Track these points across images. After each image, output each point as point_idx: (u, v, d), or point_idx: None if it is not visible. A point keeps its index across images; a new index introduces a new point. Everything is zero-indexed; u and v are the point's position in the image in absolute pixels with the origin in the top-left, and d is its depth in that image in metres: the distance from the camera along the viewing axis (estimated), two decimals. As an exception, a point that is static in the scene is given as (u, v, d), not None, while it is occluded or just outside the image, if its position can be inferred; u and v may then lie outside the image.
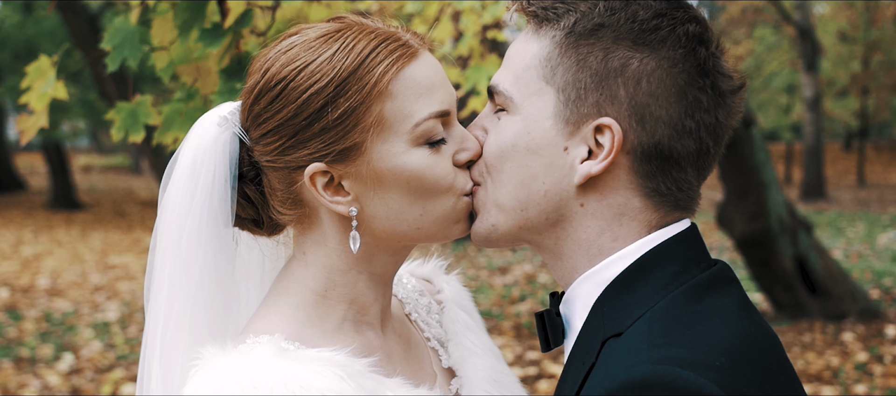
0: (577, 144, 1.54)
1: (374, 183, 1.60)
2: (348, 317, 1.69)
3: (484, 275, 14.44)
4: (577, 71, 1.52)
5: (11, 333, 10.66)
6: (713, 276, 1.52)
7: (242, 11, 2.48)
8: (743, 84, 1.59)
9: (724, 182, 10.19)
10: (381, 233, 1.65)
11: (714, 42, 1.56)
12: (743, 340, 1.42)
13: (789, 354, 8.82)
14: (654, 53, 1.50)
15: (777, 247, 9.86)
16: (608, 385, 1.34)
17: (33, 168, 42.28)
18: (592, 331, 1.51)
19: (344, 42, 1.59)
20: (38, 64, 2.89)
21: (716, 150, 1.58)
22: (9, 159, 34.10)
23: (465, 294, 2.05)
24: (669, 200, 1.56)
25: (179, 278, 1.67)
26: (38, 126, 2.86)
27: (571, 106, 1.53)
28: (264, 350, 1.52)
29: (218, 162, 1.65)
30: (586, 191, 1.55)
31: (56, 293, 13.26)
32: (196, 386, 1.49)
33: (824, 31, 30.77)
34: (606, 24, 1.51)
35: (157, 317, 1.69)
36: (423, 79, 1.60)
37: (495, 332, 10.20)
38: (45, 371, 8.99)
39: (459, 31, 4.95)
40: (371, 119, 1.56)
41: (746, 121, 9.65)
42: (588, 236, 1.56)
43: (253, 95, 1.64)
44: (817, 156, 27.77)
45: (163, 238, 1.69)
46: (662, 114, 1.50)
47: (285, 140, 1.61)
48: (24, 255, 17.45)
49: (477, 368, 1.86)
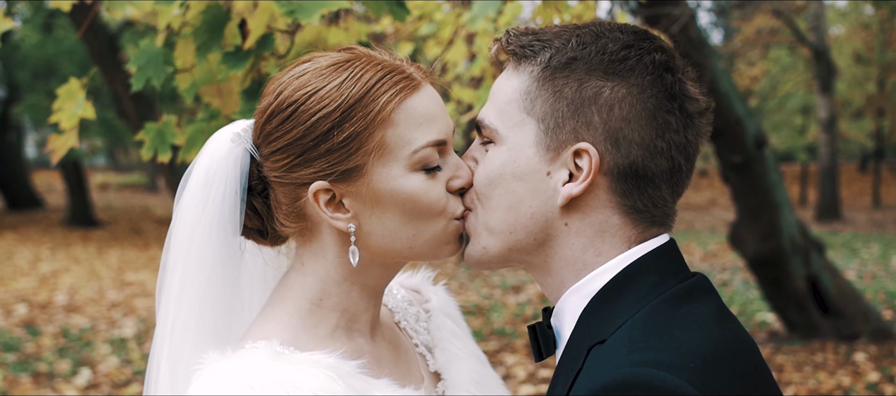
0: (559, 168, 1.65)
1: (373, 203, 1.72)
2: (340, 324, 1.80)
3: (497, 294, 14.51)
4: (555, 102, 1.64)
5: (30, 348, 10.78)
6: (690, 286, 1.64)
7: (263, 35, 2.58)
8: (709, 106, 1.72)
9: (737, 202, 10.24)
10: (376, 249, 1.77)
11: (680, 69, 1.68)
12: (718, 344, 1.53)
13: (800, 373, 8.85)
14: (623, 81, 1.62)
15: (789, 267, 9.89)
16: (591, 386, 1.45)
17: (51, 186, 42.54)
18: (579, 340, 1.62)
19: (352, 71, 1.71)
20: (69, 86, 3.01)
21: (687, 167, 1.70)
22: (27, 177, 34.36)
23: (451, 303, 2.19)
24: (646, 216, 1.68)
25: (189, 279, 1.80)
26: (68, 146, 2.98)
27: (551, 134, 1.65)
28: (261, 354, 1.64)
29: (230, 175, 1.78)
30: (569, 211, 1.66)
31: (73, 310, 13.38)
32: (198, 388, 1.61)
33: (839, 53, 30.76)
34: (579, 57, 1.64)
35: (167, 314, 1.82)
36: (423, 110, 1.72)
37: (508, 350, 10.26)
38: (62, 385, 9.10)
39: (473, 53, 5.05)
40: (373, 144, 1.68)
41: (759, 142, 9.70)
42: (573, 252, 1.68)
43: (266, 115, 1.77)
44: (832, 177, 27.73)
45: (176, 242, 1.82)
46: (635, 136, 1.62)
47: (293, 158, 1.73)
48: (42, 271, 17.60)
49: (461, 371, 1.98)
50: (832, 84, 26.63)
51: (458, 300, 8.54)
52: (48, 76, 25.35)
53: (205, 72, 2.76)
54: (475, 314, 12.78)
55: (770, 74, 32.85)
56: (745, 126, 9.66)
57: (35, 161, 54.66)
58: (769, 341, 10.26)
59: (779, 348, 9.88)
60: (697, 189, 39.34)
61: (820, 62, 25.92)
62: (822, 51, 25.85)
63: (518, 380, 8.93)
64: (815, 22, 26.03)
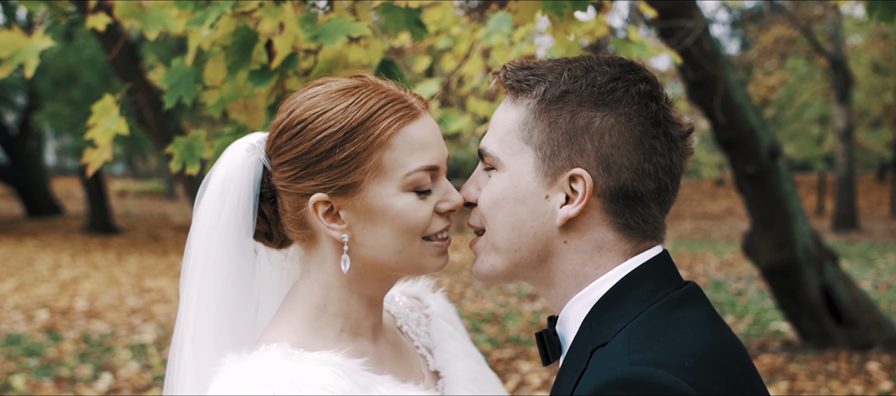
0: (556, 192, 1.81)
1: (366, 217, 1.89)
2: (345, 329, 1.97)
3: (513, 302, 14.60)
4: (550, 132, 1.80)
5: (51, 353, 10.94)
6: (684, 293, 1.80)
7: (288, 55, 2.72)
8: (691, 129, 1.87)
9: (751, 212, 10.29)
10: (368, 260, 1.92)
11: (663, 97, 1.83)
12: (710, 346, 1.68)
13: (813, 382, 8.91)
14: (612, 111, 1.78)
15: (803, 277, 9.94)
16: (595, 383, 1.60)
17: (70, 193, 42.83)
18: (583, 343, 1.78)
19: (358, 97, 1.89)
20: (103, 102, 3.15)
21: (673, 186, 1.86)
22: (46, 184, 34.62)
23: (450, 309, 2.35)
24: (638, 232, 1.83)
25: (208, 276, 1.99)
26: (102, 159, 3.13)
27: (548, 161, 1.81)
28: (273, 355, 1.81)
29: (244, 182, 1.97)
30: (568, 230, 1.82)
31: (94, 315, 13.55)
32: (218, 388, 1.79)
33: (857, 63, 30.69)
34: (571, 90, 1.79)
35: (188, 306, 2.01)
36: (420, 137, 1.89)
37: (523, 357, 10.35)
38: (84, 390, 9.24)
39: (488, 67, 5.16)
40: (370, 164, 1.85)
41: (772, 152, 9.77)
42: (574, 267, 1.84)
43: (278, 129, 1.95)
44: (849, 187, 27.68)
45: (195, 242, 2.01)
46: (624, 161, 1.78)
47: (298, 170, 1.90)
48: (62, 278, 17.79)
49: (459, 369, 2.15)
50: (850, 94, 26.60)
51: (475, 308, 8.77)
52: (69, 85, 25.59)
53: (232, 89, 2.91)
54: (491, 321, 12.87)
55: (787, 83, 32.80)
56: (759, 137, 9.73)
57: (55, 168, 55.05)
58: (783, 350, 10.31)
59: (792, 357, 9.94)
60: (714, 198, 39.30)
61: (837, 72, 25.90)
62: (840, 60, 25.83)
63: (533, 387, 9.02)
64: (833, 32, 26.02)
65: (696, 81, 9.39)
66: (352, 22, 2.71)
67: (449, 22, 4.86)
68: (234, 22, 2.82)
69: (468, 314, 13.43)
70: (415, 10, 2.94)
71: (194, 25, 2.63)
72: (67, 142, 39.64)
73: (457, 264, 19.89)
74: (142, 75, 11.82)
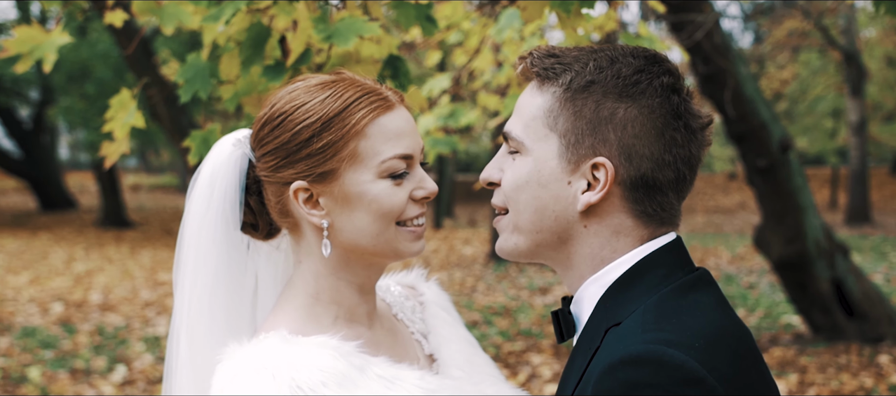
0: (578, 178, 1.87)
1: (343, 202, 1.98)
2: (340, 316, 2.06)
3: (524, 295, 14.64)
4: (575, 120, 1.85)
5: (66, 345, 11.04)
6: (695, 279, 1.86)
7: (302, 51, 2.78)
8: (710, 121, 1.92)
9: (762, 206, 10.31)
10: (347, 245, 2.02)
11: (684, 89, 1.89)
12: (718, 329, 1.75)
13: (823, 375, 8.94)
14: (635, 103, 1.83)
15: (814, 270, 9.96)
16: (610, 360, 1.66)
17: (84, 187, 43.02)
18: (597, 323, 1.84)
19: (335, 90, 1.99)
20: (120, 97, 3.21)
21: (690, 176, 1.91)
22: (60, 178, 34.78)
23: (443, 296, 2.44)
24: (656, 219, 1.89)
25: (200, 267, 2.09)
26: (120, 152, 3.20)
27: (572, 149, 1.86)
28: (272, 342, 1.91)
29: (230, 174, 2.07)
30: (588, 216, 1.88)
31: (108, 308, 13.65)
32: (221, 375, 1.89)
33: (870, 56, 30.59)
34: (596, 80, 1.84)
35: (182, 298, 2.11)
36: (394, 127, 1.99)
37: (534, 350, 10.40)
38: (99, 381, 9.33)
39: (499, 61, 5.21)
40: (347, 152, 1.96)
41: (783, 146, 9.79)
42: (592, 250, 1.90)
43: (261, 122, 2.06)
44: (863, 181, 27.61)
45: (187, 234, 2.12)
46: (645, 152, 1.83)
47: (279, 160, 2.01)
48: (77, 271, 17.91)
49: (452, 351, 2.24)
50: (863, 87, 26.53)
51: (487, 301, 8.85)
52: (82, 79, 25.70)
53: (246, 83, 2.97)
54: (502, 315, 12.93)
55: (800, 77, 32.71)
56: (770, 130, 9.74)
57: (69, 163, 55.28)
58: (794, 343, 10.33)
59: (803, 350, 9.96)
60: (727, 192, 39.24)
61: (850, 65, 25.83)
62: (853, 54, 25.75)
63: (544, 380, 9.07)
64: (846, 25, 25.94)
65: (707, 75, 9.41)
66: (364, 22, 2.76)
67: (460, 17, 4.90)
68: (248, 18, 2.88)
69: (480, 307, 13.49)
70: (425, 5, 2.99)
71: (209, 22, 2.69)
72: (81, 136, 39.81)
73: (468, 257, 19.95)
74: (155, 70, 11.88)
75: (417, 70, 17.13)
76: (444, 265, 18.73)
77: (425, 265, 17.77)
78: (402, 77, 3.08)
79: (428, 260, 19.41)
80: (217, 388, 1.88)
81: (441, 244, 22.73)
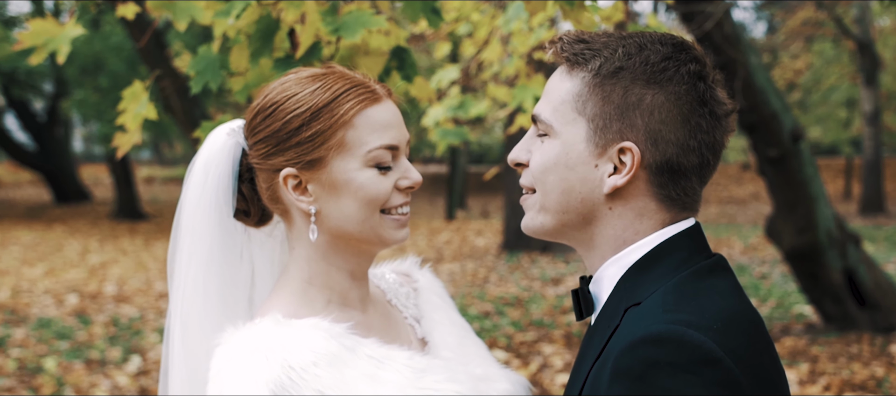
0: (605, 162, 1.91)
1: (331, 189, 2.06)
2: (333, 300, 2.13)
3: (537, 286, 14.68)
4: (603, 105, 1.90)
5: (82, 336, 11.13)
6: (713, 264, 1.92)
7: (311, 44, 2.83)
8: (734, 108, 1.97)
9: (773, 196, 10.31)
10: (334, 231, 2.09)
11: (711, 76, 1.92)
12: (734, 312, 1.81)
13: (834, 364, 8.95)
14: (662, 90, 1.87)
15: (825, 260, 9.96)
16: (631, 338, 1.72)
17: (98, 179, 43.23)
18: (616, 302, 1.90)
19: (325, 82, 2.08)
20: (133, 88, 3.27)
21: (714, 161, 1.96)
22: (75, 171, 34.96)
23: (437, 283, 2.52)
24: (678, 203, 1.94)
25: (195, 248, 2.18)
26: (132, 142, 3.26)
27: (600, 133, 1.90)
28: (266, 324, 1.99)
29: (224, 162, 2.16)
30: (613, 198, 1.93)
31: (122, 300, 13.75)
32: (218, 358, 1.97)
33: (885, 45, 30.46)
34: (625, 67, 1.89)
35: (178, 279, 2.20)
36: (380, 119, 2.07)
37: (546, 340, 10.44)
38: (114, 372, 9.42)
39: (508, 52, 5.23)
40: (334, 141, 2.04)
41: (795, 136, 9.78)
42: (615, 232, 1.95)
43: (254, 112, 2.14)
44: (877, 170, 27.54)
45: (182, 218, 2.20)
46: (671, 137, 1.88)
47: (270, 147, 2.09)
48: (91, 263, 18.04)
49: (443, 334, 2.32)
50: (877, 77, 26.45)
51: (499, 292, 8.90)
52: (96, 72, 25.81)
53: (256, 75, 3.02)
54: (514, 305, 12.97)
55: (814, 66, 32.60)
56: (781, 120, 9.74)
57: (83, 155, 55.53)
58: (805, 332, 10.34)
59: (815, 339, 9.97)
60: (740, 182, 39.16)
61: (864, 55, 25.77)
62: (867, 43, 25.67)
63: (555, 369, 9.11)
64: (860, 14, 25.85)
65: (717, 64, 9.37)
66: (371, 15, 2.81)
67: (468, 9, 4.93)
68: (257, 11, 2.92)
69: (492, 298, 13.53)
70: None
71: (221, 17, 2.74)
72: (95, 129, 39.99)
73: (481, 248, 19.99)
74: (168, 62, 11.96)
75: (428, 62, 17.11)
76: (457, 255, 18.78)
77: (438, 256, 17.80)
78: (409, 68, 3.12)
79: (440, 251, 19.47)
80: (215, 370, 1.96)
81: (454, 236, 22.78)
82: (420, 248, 19.92)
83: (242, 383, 1.89)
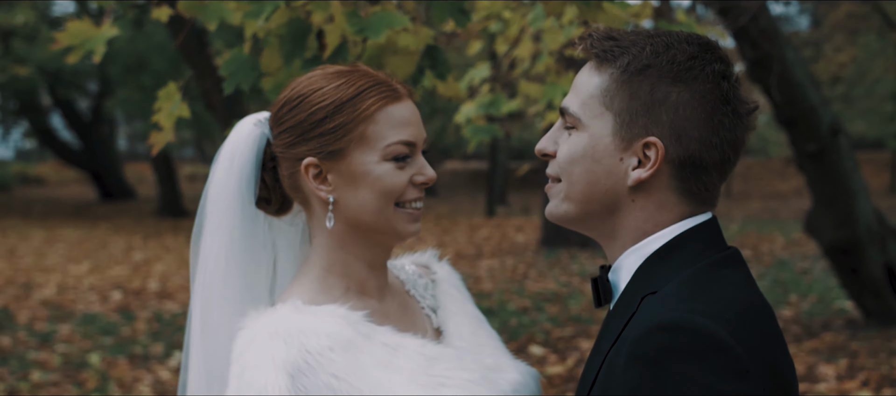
0: (630, 156, 1.97)
1: (349, 179, 2.15)
2: (351, 288, 2.22)
3: (575, 282, 14.70)
4: (630, 101, 1.96)
5: (125, 332, 11.32)
6: (727, 256, 1.98)
7: (338, 45, 2.90)
8: (756, 107, 2.03)
9: (813, 191, 10.25)
10: (351, 220, 2.18)
11: (733, 76, 1.99)
12: (747, 304, 1.87)
13: (874, 359, 8.90)
14: (688, 88, 1.94)
15: (865, 255, 9.89)
16: (646, 325, 1.78)
17: (142, 177, 43.68)
18: (634, 290, 1.96)
19: (350, 78, 2.17)
20: (167, 88, 3.37)
21: (734, 158, 2.02)
22: (119, 169, 35.40)
23: (455, 275, 2.58)
24: (698, 197, 2.00)
25: (216, 232, 2.27)
26: (166, 140, 3.37)
27: (626, 127, 1.96)
28: (286, 310, 2.08)
29: (249, 151, 2.24)
30: (636, 191, 1.99)
31: (165, 296, 13.95)
32: (241, 339, 2.07)
33: (929, 37, 30.05)
34: (652, 64, 1.95)
35: (198, 269, 2.29)
36: (400, 116, 2.16)
37: (584, 335, 10.47)
38: (157, 367, 9.57)
39: (539, 50, 5.27)
40: (356, 133, 2.13)
41: (833, 130, 9.72)
42: (636, 223, 2.01)
43: (281, 103, 2.22)
44: (921, 164, 27.21)
45: (207, 203, 2.29)
46: (695, 133, 1.94)
47: (294, 137, 2.17)
48: (135, 260, 18.29)
49: (458, 324, 2.39)
50: (922, 70, 26.11)
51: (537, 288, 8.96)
52: (139, 71, 26.14)
53: (287, 75, 3.10)
54: (553, 301, 12.99)
55: (858, 60, 32.23)
56: (820, 115, 9.69)
57: (127, 153, 56.17)
58: (846, 328, 10.28)
59: (855, 334, 9.90)
60: (784, 177, 38.71)
61: (909, 47, 25.44)
62: (911, 36, 25.35)
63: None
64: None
65: (755, 59, 9.38)
66: (395, 15, 2.87)
67: (499, 7, 4.97)
68: (287, 13, 3.00)
69: (530, 294, 13.57)
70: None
71: (250, 18, 2.82)
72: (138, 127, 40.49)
73: (520, 244, 20.02)
74: (209, 61, 12.07)
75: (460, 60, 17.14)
76: (496, 251, 18.82)
77: (477, 252, 17.79)
78: (441, 66, 3.18)
79: (480, 247, 19.52)
80: (237, 351, 2.05)
81: (493, 232, 22.82)
82: (460, 244, 19.99)
83: (262, 364, 1.99)
